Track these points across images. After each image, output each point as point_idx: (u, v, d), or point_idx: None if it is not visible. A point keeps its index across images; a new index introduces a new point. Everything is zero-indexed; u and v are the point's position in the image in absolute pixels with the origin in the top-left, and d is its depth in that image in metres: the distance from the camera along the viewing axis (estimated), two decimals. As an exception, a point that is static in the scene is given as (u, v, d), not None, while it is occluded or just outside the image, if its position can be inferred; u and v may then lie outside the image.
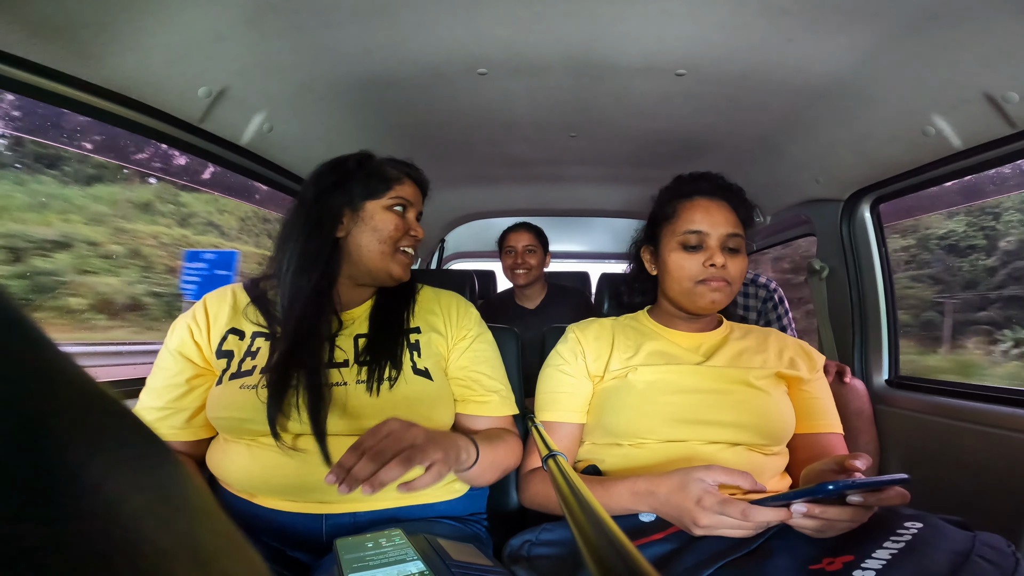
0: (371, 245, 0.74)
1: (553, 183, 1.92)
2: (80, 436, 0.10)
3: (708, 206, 0.80)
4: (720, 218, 0.78)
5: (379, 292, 0.80)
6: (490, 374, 0.80)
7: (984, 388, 1.07)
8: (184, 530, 0.11)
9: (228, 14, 0.85)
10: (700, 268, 0.78)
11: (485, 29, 0.95)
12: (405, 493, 0.57)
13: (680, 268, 0.79)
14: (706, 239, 0.78)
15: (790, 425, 0.77)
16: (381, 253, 0.74)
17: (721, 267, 0.77)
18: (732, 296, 0.80)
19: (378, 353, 0.71)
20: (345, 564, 0.45)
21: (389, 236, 0.74)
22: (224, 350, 0.72)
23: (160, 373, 0.73)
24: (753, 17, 0.88)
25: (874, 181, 1.25)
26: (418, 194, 0.81)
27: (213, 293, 0.79)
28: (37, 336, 0.11)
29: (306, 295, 0.71)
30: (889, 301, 1.33)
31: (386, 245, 0.74)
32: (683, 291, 0.80)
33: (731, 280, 0.78)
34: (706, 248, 0.78)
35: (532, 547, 0.69)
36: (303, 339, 0.68)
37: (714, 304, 0.78)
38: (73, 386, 0.11)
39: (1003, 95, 0.86)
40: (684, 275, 0.79)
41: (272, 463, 0.65)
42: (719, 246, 0.78)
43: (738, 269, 0.79)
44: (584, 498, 0.41)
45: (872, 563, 0.51)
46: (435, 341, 0.77)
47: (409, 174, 0.79)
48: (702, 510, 0.57)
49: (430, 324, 0.79)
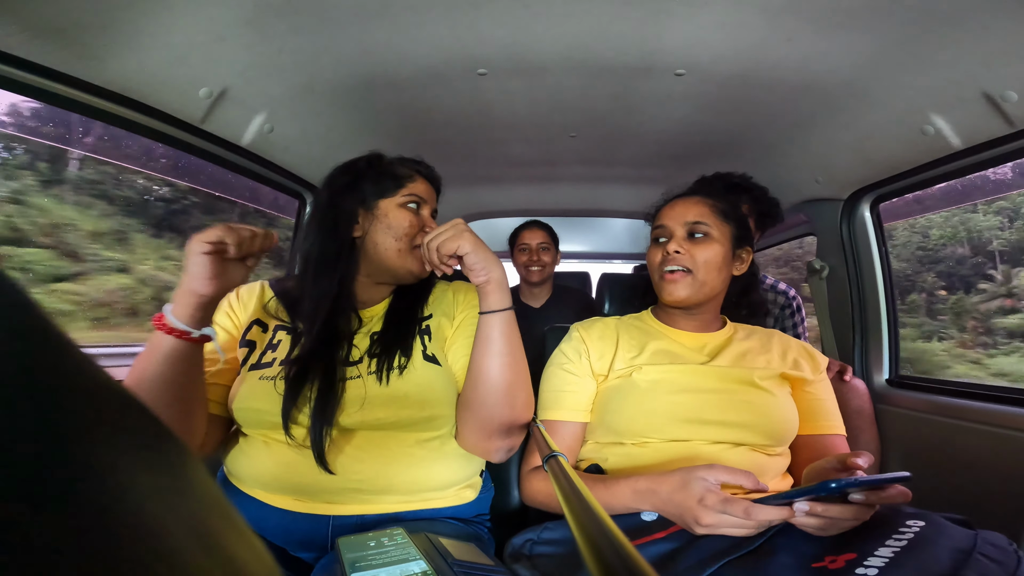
0: (387, 243, 0.74)
1: (553, 183, 1.92)
2: (94, 427, 0.10)
3: (675, 203, 0.85)
4: (682, 210, 0.82)
5: (396, 290, 0.81)
6: None
7: (985, 387, 1.07)
8: (191, 515, 0.11)
9: (228, 15, 0.85)
10: (661, 258, 0.81)
11: (485, 29, 0.95)
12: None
13: (651, 262, 0.84)
14: (670, 231, 0.82)
15: (793, 426, 0.77)
16: (398, 251, 0.74)
17: (674, 252, 0.79)
18: (700, 287, 0.80)
19: (389, 345, 0.72)
20: (347, 563, 0.45)
21: (404, 233, 0.74)
22: (248, 339, 0.74)
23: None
24: (752, 17, 0.88)
25: (874, 180, 1.25)
26: (431, 191, 0.80)
27: (245, 285, 0.80)
28: (49, 329, 0.11)
29: (328, 295, 0.72)
30: (889, 300, 1.33)
31: (402, 243, 0.74)
32: (655, 285, 0.84)
33: (693, 267, 0.79)
34: (671, 240, 0.81)
35: (534, 546, 0.69)
36: (325, 338, 0.70)
37: (672, 295, 0.80)
38: (85, 378, 0.11)
39: (1002, 94, 0.86)
40: (653, 268, 0.84)
41: (285, 459, 0.65)
42: (680, 235, 0.81)
43: (703, 255, 0.80)
44: (584, 498, 0.41)
45: (875, 561, 0.51)
46: (443, 325, 0.78)
47: (420, 171, 0.80)
48: (704, 509, 0.57)
49: (442, 309, 0.80)
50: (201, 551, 0.10)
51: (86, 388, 0.11)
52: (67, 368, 0.10)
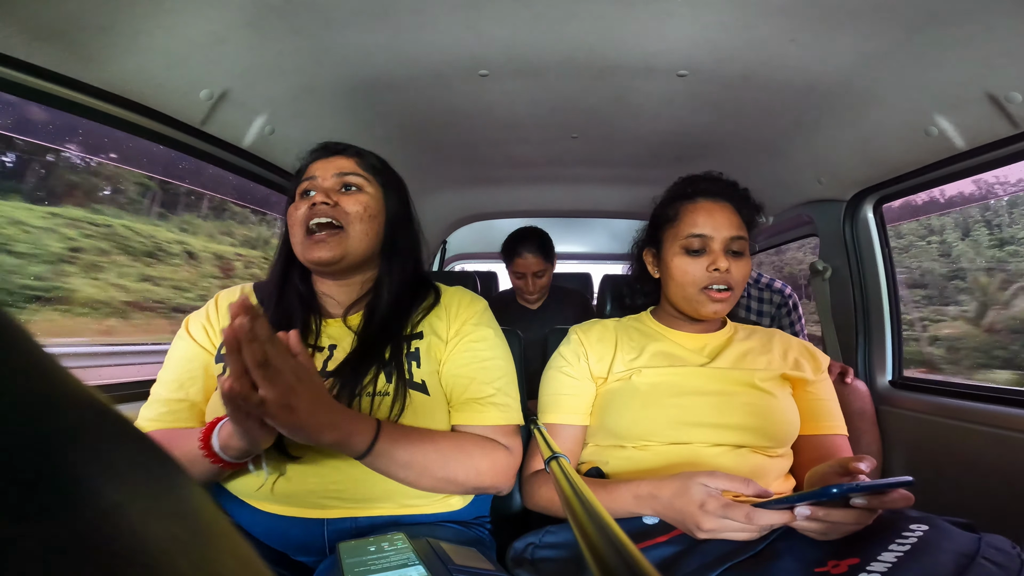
0: (294, 241, 0.71)
1: (555, 184, 1.92)
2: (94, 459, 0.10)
3: (711, 208, 0.79)
4: (723, 220, 0.77)
5: (368, 304, 0.73)
6: (482, 378, 0.71)
7: (989, 389, 1.06)
8: (171, 520, 0.11)
9: (228, 17, 0.85)
10: (704, 273, 0.77)
11: (486, 30, 0.95)
12: None
13: (684, 273, 0.78)
14: (709, 243, 0.77)
15: (795, 427, 0.76)
16: (299, 245, 0.70)
17: (725, 271, 0.76)
18: (735, 302, 0.79)
19: (357, 369, 0.65)
20: (347, 568, 0.45)
21: (297, 223, 0.69)
22: (223, 353, 0.71)
23: (178, 364, 0.71)
24: (755, 17, 0.88)
25: (877, 181, 1.25)
26: (331, 163, 0.73)
27: (224, 292, 0.78)
28: (38, 352, 0.10)
29: (279, 291, 0.72)
30: (893, 302, 1.32)
31: (297, 235, 0.70)
32: (686, 297, 0.79)
33: (734, 284, 0.77)
34: (709, 252, 0.77)
35: (536, 550, 0.68)
36: (278, 324, 0.67)
37: (716, 314, 0.78)
38: (81, 405, 0.11)
39: (1006, 95, 0.86)
40: (688, 280, 0.78)
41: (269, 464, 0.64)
42: (722, 249, 0.77)
43: (741, 272, 0.78)
44: (587, 500, 0.40)
45: (878, 566, 0.50)
46: (435, 347, 0.71)
47: (315, 155, 0.75)
48: (705, 514, 0.57)
49: (433, 327, 0.73)
50: (183, 560, 0.10)
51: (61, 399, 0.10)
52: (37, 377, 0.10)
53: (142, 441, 0.12)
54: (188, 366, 0.70)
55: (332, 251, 0.68)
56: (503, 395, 0.72)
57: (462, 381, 0.70)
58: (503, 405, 0.71)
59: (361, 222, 0.70)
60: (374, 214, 0.72)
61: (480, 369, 0.71)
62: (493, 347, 0.74)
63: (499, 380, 0.72)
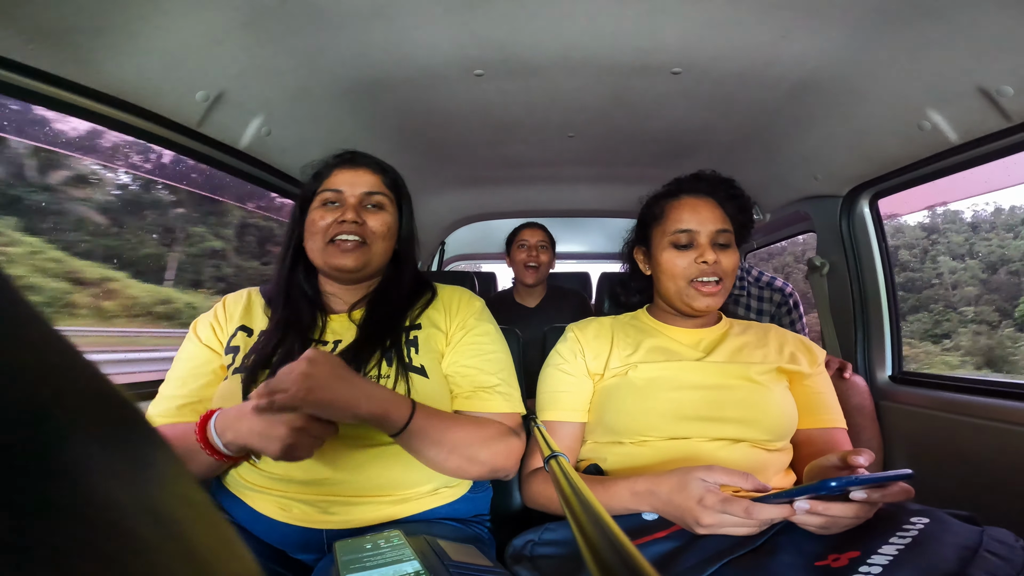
0: (311, 246, 0.74)
1: (551, 184, 1.93)
2: (79, 426, 0.10)
3: (695, 204, 0.81)
4: (707, 215, 0.80)
5: (372, 298, 0.77)
6: (487, 369, 0.74)
7: (989, 383, 1.06)
8: (150, 498, 0.11)
9: (224, 18, 0.85)
10: (693, 266, 0.79)
11: (480, 31, 0.95)
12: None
13: (673, 267, 0.81)
14: (696, 237, 0.80)
15: (792, 420, 0.76)
16: (318, 250, 0.73)
17: (713, 263, 0.78)
18: (727, 294, 0.81)
19: (359, 353, 0.69)
20: (343, 565, 0.45)
21: (319, 232, 0.73)
22: (232, 346, 0.73)
23: (185, 363, 0.74)
24: (746, 14, 0.88)
25: (872, 176, 1.25)
26: (358, 177, 0.76)
27: (231, 295, 0.81)
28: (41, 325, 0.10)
29: (286, 291, 0.75)
30: (891, 296, 1.32)
31: (317, 242, 0.73)
32: (677, 290, 0.81)
33: (723, 275, 0.79)
34: (696, 246, 0.79)
35: (535, 547, 0.68)
36: (286, 326, 0.70)
37: (709, 308, 0.79)
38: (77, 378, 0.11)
39: (997, 89, 0.86)
40: (678, 273, 0.80)
41: (270, 461, 0.64)
42: (709, 243, 0.79)
43: (730, 263, 0.80)
44: (586, 499, 0.40)
45: (879, 559, 0.50)
46: (434, 337, 0.75)
47: (339, 164, 0.78)
48: (704, 509, 0.57)
49: (432, 320, 0.76)
50: (160, 535, 0.10)
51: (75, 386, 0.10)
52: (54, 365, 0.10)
53: (110, 400, 0.11)
54: (193, 364, 0.73)
55: (356, 261, 0.72)
56: (507, 385, 0.75)
57: (468, 371, 0.73)
58: (507, 394, 0.74)
59: (383, 240, 0.75)
60: (392, 231, 0.77)
61: (485, 361, 0.74)
62: (494, 341, 0.78)
63: (502, 372, 0.76)
